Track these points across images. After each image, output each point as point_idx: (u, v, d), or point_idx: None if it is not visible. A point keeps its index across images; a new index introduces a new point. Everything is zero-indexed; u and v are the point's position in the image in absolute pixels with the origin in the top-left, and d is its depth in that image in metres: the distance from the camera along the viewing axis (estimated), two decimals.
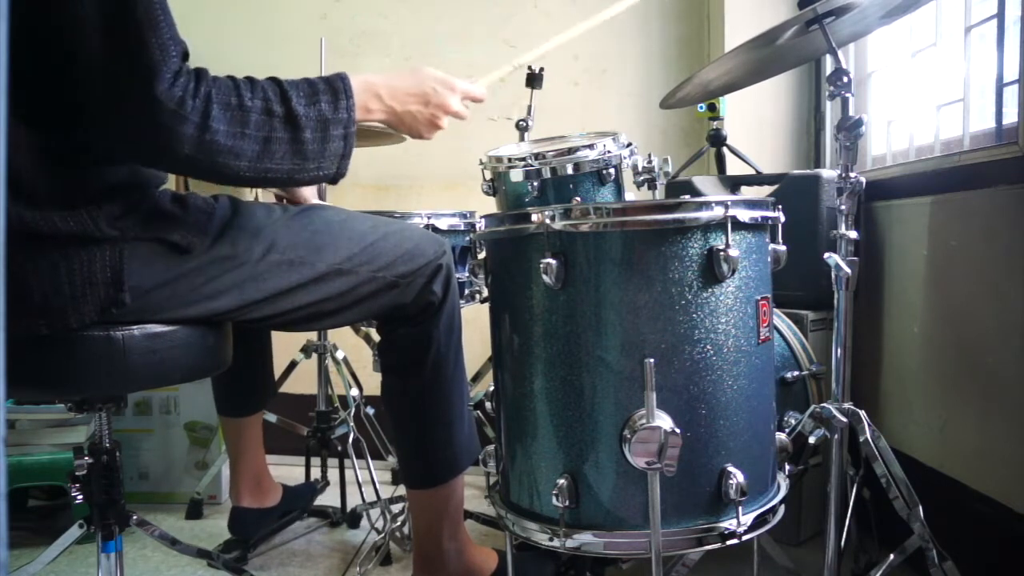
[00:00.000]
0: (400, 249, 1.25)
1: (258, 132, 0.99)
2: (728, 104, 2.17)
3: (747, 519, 1.04)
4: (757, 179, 2.03)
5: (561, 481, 1.05)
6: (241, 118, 0.98)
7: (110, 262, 1.00)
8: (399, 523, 1.77)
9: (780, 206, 1.13)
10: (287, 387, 2.06)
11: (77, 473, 1.21)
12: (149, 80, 0.91)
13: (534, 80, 1.91)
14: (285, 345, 1.91)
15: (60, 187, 0.98)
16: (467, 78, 1.26)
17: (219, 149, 0.97)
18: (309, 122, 1.03)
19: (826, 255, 1.25)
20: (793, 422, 1.42)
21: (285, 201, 1.52)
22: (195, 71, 0.96)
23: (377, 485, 1.92)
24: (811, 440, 1.28)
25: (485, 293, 1.53)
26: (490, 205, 1.71)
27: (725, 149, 2.18)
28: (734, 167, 2.19)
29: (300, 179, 1.05)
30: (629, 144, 1.60)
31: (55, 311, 0.99)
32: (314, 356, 2.09)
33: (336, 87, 1.08)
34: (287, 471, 2.16)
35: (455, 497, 1.39)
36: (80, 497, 1.22)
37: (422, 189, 2.56)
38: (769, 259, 1.11)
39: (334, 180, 1.09)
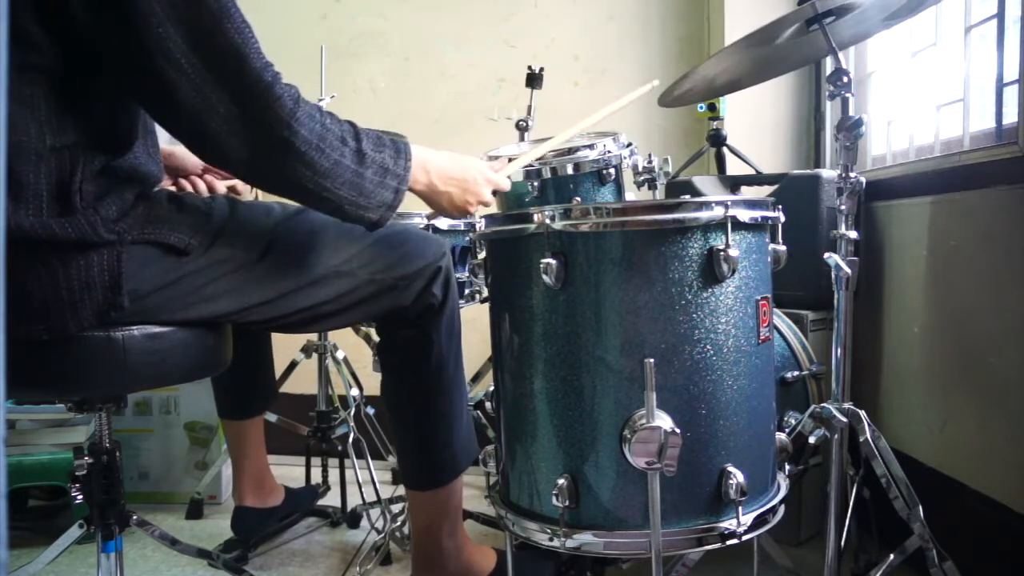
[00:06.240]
0: (400, 251, 1.25)
1: (332, 152, 1.02)
2: (728, 104, 2.17)
3: (747, 519, 1.04)
4: (757, 179, 2.03)
5: (561, 481, 1.05)
6: (321, 133, 1.01)
7: (108, 266, 1.00)
8: (399, 523, 1.77)
9: (780, 206, 1.13)
10: (287, 387, 2.06)
11: (77, 473, 1.21)
12: (241, 63, 0.95)
13: (534, 80, 1.91)
14: (285, 345, 1.91)
15: (60, 193, 0.97)
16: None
17: (293, 150, 0.99)
18: (373, 164, 1.07)
19: (826, 255, 1.25)
20: (793, 422, 1.42)
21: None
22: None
23: (377, 485, 1.92)
24: (811, 440, 1.28)
25: (485, 293, 1.53)
26: (490, 205, 1.71)
27: (725, 149, 2.18)
28: (734, 167, 2.19)
29: (347, 211, 1.07)
30: (629, 144, 1.60)
31: (54, 317, 0.98)
32: (314, 356, 2.09)
33: (399, 147, 1.12)
34: (287, 471, 2.16)
35: (454, 497, 1.39)
36: (80, 497, 1.22)
37: None
38: (769, 259, 1.11)
39: (372, 227, 1.12)
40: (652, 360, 0.94)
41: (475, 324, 1.66)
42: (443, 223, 1.76)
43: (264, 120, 0.97)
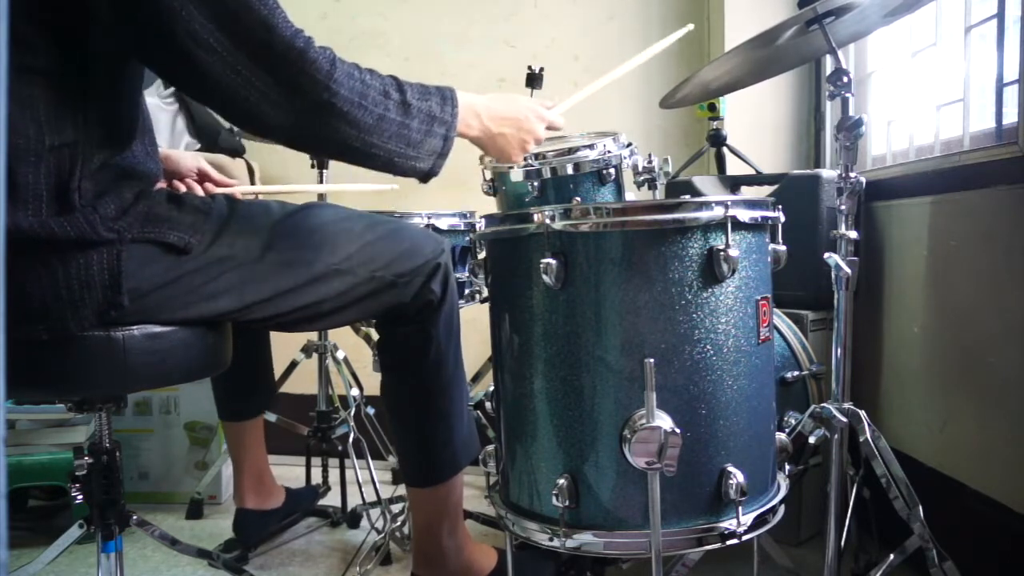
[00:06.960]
0: (398, 248, 1.25)
1: (375, 107, 1.02)
2: (728, 104, 2.17)
3: (747, 519, 1.04)
4: (757, 179, 2.03)
5: (561, 481, 1.05)
6: (362, 90, 1.01)
7: (107, 265, 1.00)
8: (399, 523, 1.77)
9: (780, 206, 1.13)
10: (287, 387, 2.06)
11: (77, 473, 1.21)
12: (269, 34, 0.94)
13: (534, 80, 1.91)
14: (285, 345, 1.91)
15: (59, 192, 0.97)
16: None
17: (335, 112, 0.99)
18: (419, 113, 1.07)
19: (826, 255, 1.25)
20: (793, 422, 1.42)
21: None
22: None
23: (377, 485, 1.93)
24: (811, 440, 1.28)
25: (485, 293, 1.53)
26: (490, 205, 1.71)
27: (725, 149, 2.18)
28: (734, 167, 2.19)
29: (398, 164, 1.08)
30: (629, 144, 1.60)
31: (54, 316, 0.98)
32: (314, 356, 2.09)
33: (445, 94, 1.12)
34: (287, 471, 2.16)
35: (454, 494, 1.39)
36: (80, 497, 1.22)
37: (422, 189, 2.56)
38: (769, 259, 1.11)
39: (425, 177, 1.12)
40: (652, 360, 0.94)
41: (475, 324, 1.66)
42: (443, 223, 1.76)
43: (302, 86, 0.97)
